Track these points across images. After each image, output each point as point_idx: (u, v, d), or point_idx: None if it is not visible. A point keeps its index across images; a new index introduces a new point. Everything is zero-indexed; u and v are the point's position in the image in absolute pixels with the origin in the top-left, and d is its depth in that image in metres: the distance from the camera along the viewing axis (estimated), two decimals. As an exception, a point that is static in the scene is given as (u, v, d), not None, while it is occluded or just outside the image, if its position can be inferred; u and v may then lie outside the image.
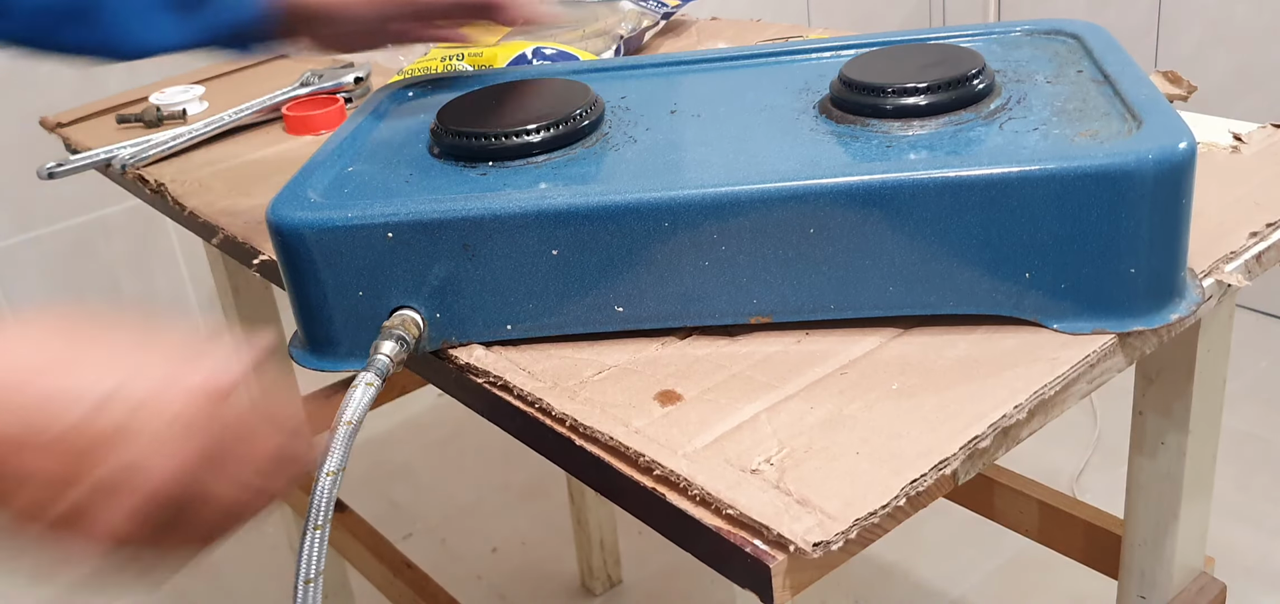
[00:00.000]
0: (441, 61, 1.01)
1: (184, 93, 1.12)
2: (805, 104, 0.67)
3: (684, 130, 0.66)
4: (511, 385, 0.58)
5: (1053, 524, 1.01)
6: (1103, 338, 0.56)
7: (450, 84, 0.80)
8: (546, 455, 0.58)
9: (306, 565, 0.54)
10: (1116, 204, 0.53)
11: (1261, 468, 1.65)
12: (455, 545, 1.70)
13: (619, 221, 0.57)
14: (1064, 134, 0.58)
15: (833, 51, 0.75)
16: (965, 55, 0.64)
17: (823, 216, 0.55)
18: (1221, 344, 0.77)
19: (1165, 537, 0.82)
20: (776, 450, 0.50)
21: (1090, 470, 1.68)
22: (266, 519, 0.50)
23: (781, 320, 0.59)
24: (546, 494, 1.78)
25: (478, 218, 0.58)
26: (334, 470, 0.55)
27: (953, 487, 0.50)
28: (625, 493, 0.52)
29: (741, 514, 0.47)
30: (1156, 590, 0.85)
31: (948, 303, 0.57)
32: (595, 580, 1.57)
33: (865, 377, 0.55)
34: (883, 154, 0.59)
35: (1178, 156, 0.53)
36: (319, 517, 0.55)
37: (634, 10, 1.11)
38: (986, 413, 0.51)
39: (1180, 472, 0.79)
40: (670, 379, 0.57)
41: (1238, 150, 0.74)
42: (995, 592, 1.50)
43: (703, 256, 0.57)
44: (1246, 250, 0.62)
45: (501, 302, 0.60)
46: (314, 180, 0.65)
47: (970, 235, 0.55)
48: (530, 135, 0.64)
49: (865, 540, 0.47)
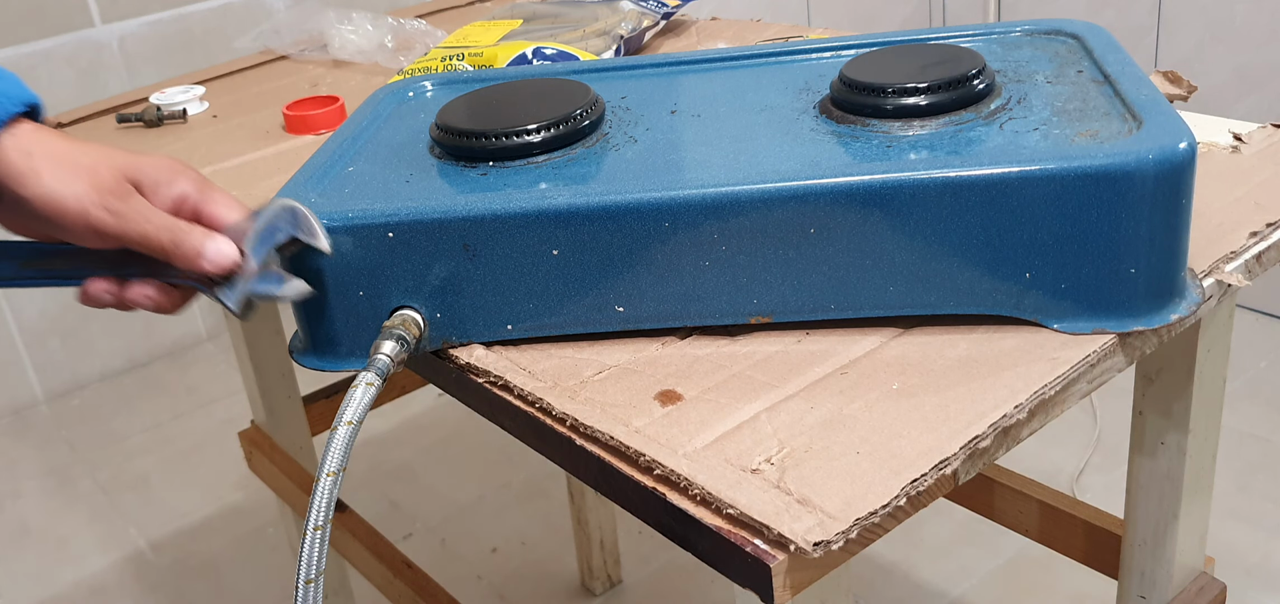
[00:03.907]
0: (441, 61, 1.01)
1: (184, 93, 1.12)
2: (805, 104, 0.67)
3: (684, 130, 0.66)
4: (512, 385, 0.58)
5: (1053, 524, 1.01)
6: (1103, 338, 0.56)
7: (450, 84, 0.80)
8: (547, 455, 0.58)
9: (307, 566, 0.55)
10: (1117, 204, 0.53)
11: (1261, 468, 1.65)
12: (455, 545, 1.70)
13: (619, 222, 0.57)
14: (1064, 134, 0.58)
15: (833, 51, 0.75)
16: (965, 55, 0.64)
17: (823, 216, 0.56)
18: (1221, 344, 0.77)
19: (1165, 537, 0.82)
20: (777, 450, 0.50)
21: (1090, 470, 1.68)
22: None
23: (782, 320, 0.59)
24: (546, 494, 1.78)
25: (478, 218, 0.58)
26: (334, 471, 0.55)
27: (953, 486, 0.50)
28: (625, 493, 0.52)
29: (742, 514, 0.47)
30: (1156, 590, 0.85)
31: (948, 303, 0.57)
32: (595, 580, 1.57)
33: (865, 376, 0.55)
34: (883, 154, 0.59)
35: (1178, 156, 0.53)
36: (319, 517, 0.55)
37: (634, 10, 1.11)
38: (987, 413, 0.51)
39: (1180, 472, 0.79)
40: (671, 379, 0.57)
41: (1238, 150, 0.74)
42: (995, 592, 1.50)
43: (703, 256, 0.57)
44: (1246, 250, 0.62)
45: (502, 301, 0.60)
46: (314, 180, 0.65)
47: (970, 235, 0.55)
48: (530, 135, 0.64)
49: (865, 540, 0.47)
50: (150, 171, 0.60)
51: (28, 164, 0.57)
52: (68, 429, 2.13)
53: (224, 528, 1.79)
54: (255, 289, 0.60)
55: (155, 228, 0.59)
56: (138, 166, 0.59)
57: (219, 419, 2.09)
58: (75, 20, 2.09)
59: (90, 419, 2.15)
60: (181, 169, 0.61)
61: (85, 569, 1.74)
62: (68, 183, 0.57)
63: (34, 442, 2.10)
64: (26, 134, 0.58)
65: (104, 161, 0.59)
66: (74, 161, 0.58)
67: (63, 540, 1.81)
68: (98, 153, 0.59)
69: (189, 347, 2.36)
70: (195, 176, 0.61)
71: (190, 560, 1.73)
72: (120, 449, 2.05)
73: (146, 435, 2.08)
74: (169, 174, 0.60)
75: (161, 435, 2.07)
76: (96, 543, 1.79)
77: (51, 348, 2.20)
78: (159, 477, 1.95)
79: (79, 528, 1.84)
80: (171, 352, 2.35)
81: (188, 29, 2.20)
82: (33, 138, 0.58)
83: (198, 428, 2.08)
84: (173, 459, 2.00)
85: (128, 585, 1.69)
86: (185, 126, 1.07)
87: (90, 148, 0.59)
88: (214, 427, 2.07)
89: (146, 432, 2.09)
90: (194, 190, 0.60)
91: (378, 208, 0.59)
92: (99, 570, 1.73)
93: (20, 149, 0.57)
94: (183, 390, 2.21)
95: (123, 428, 2.11)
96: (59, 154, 0.58)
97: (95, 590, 1.69)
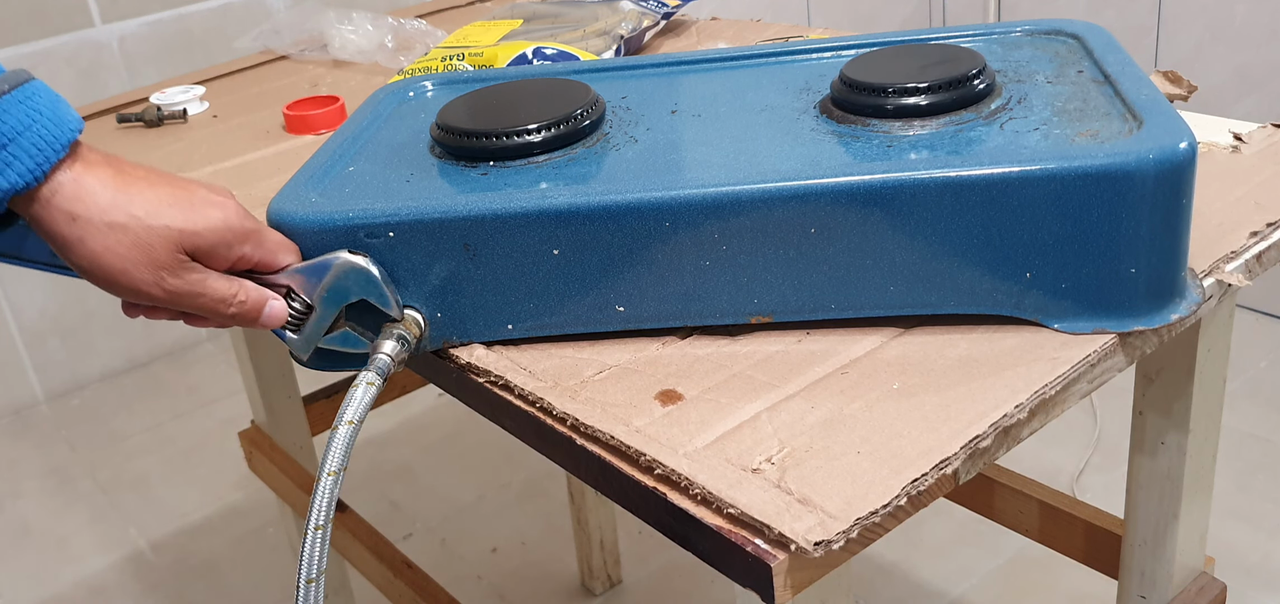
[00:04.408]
0: (441, 61, 1.01)
1: (184, 93, 1.12)
2: (806, 104, 0.67)
3: (684, 130, 0.66)
4: (512, 385, 0.58)
5: (1053, 524, 1.01)
6: (1103, 338, 0.56)
7: (450, 84, 0.80)
8: (547, 455, 0.58)
9: (308, 566, 0.55)
10: (1117, 204, 0.53)
11: (1261, 468, 1.65)
12: (455, 545, 1.70)
13: (620, 221, 0.57)
14: (1064, 134, 0.58)
15: (833, 51, 0.75)
16: (966, 55, 0.64)
17: (823, 216, 0.56)
18: (1221, 344, 0.77)
19: (1165, 537, 0.82)
20: (777, 450, 0.50)
21: (1090, 470, 1.68)
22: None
23: (782, 320, 0.59)
24: (546, 494, 1.78)
25: (478, 218, 0.58)
26: (335, 470, 0.55)
27: (953, 486, 0.50)
28: (626, 492, 0.52)
29: (742, 513, 0.47)
30: (1156, 590, 0.85)
31: (948, 303, 0.57)
32: (595, 580, 1.57)
33: (866, 376, 0.55)
34: (883, 154, 0.59)
35: (1178, 156, 0.53)
36: (320, 517, 0.55)
37: (634, 10, 1.11)
38: (987, 412, 0.51)
39: (1180, 471, 0.79)
40: (671, 378, 0.57)
41: (1238, 150, 0.74)
42: (995, 592, 1.50)
43: (703, 256, 0.57)
44: (1246, 250, 0.62)
45: (502, 301, 0.60)
46: (314, 180, 0.65)
47: (971, 235, 0.55)
48: (531, 135, 0.64)
49: (866, 540, 0.47)
50: (208, 237, 0.56)
51: (72, 231, 0.54)
52: (68, 429, 2.13)
53: (224, 528, 1.79)
54: (329, 345, 0.61)
55: (211, 302, 0.57)
56: (195, 235, 0.56)
57: (219, 419, 2.09)
58: (75, 20, 2.09)
59: (90, 419, 2.15)
60: (238, 230, 0.58)
61: (85, 569, 1.74)
62: (118, 256, 0.55)
63: (34, 442, 2.10)
64: (69, 190, 0.54)
65: (159, 235, 0.55)
66: (123, 230, 0.54)
67: (63, 540, 1.81)
68: (151, 212, 0.55)
69: (189, 347, 2.36)
70: (253, 232, 0.59)
71: (190, 560, 1.73)
72: (120, 449, 2.05)
73: (146, 435, 2.08)
74: (226, 238, 0.57)
75: (161, 435, 2.07)
76: (96, 543, 1.79)
77: (51, 348, 2.20)
78: (159, 477, 1.95)
79: (79, 528, 1.84)
80: (171, 352, 2.35)
81: (188, 29, 2.20)
82: (76, 194, 0.54)
83: (198, 428, 2.08)
84: (173, 459, 2.00)
85: (128, 585, 1.69)
86: (185, 126, 1.07)
87: (143, 199, 0.55)
88: (214, 427, 2.07)
89: (146, 432, 2.09)
90: (252, 249, 0.59)
91: (378, 208, 0.59)
92: (99, 570, 1.73)
93: (64, 213, 0.54)
94: (183, 390, 2.21)
95: (123, 428, 2.11)
96: (107, 217, 0.54)
97: (95, 590, 1.69)
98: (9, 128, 0.52)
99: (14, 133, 0.52)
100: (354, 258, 0.59)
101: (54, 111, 0.53)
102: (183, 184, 0.57)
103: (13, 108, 0.52)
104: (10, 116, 0.52)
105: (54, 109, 0.53)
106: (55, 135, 0.53)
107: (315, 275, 0.60)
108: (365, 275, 0.59)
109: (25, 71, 0.54)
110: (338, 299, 0.60)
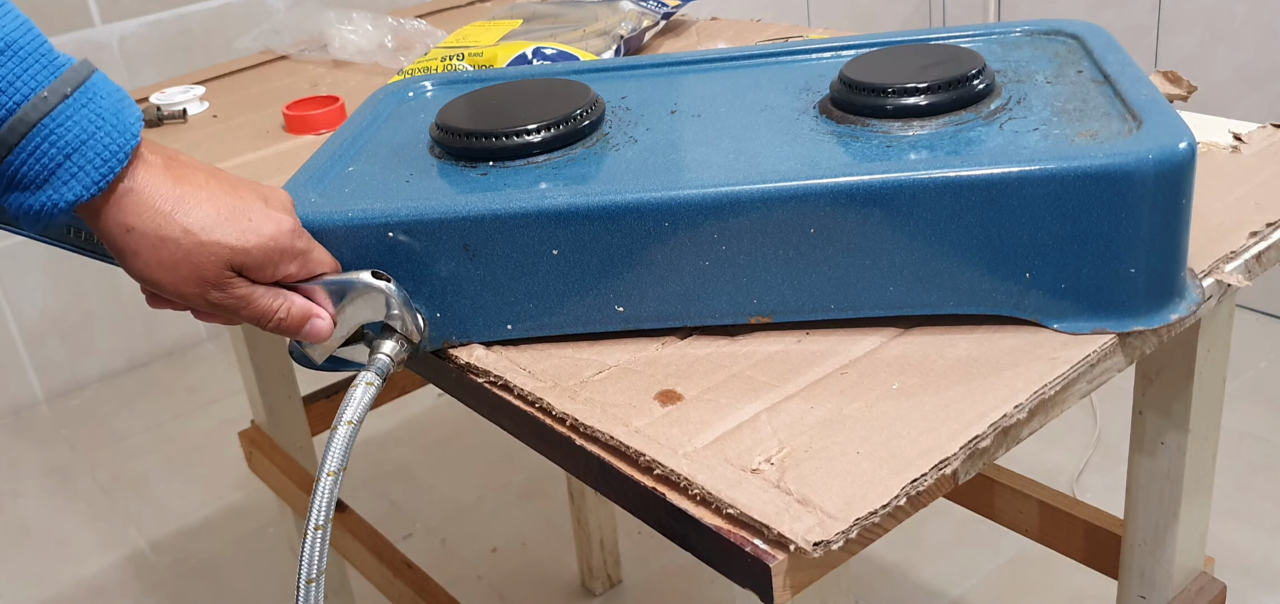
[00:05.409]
0: (441, 61, 1.01)
1: (184, 93, 1.12)
2: (805, 104, 0.67)
3: (684, 130, 0.66)
4: (512, 385, 0.58)
5: (1053, 524, 1.01)
6: (1103, 338, 0.56)
7: (450, 84, 0.80)
8: (547, 455, 0.58)
9: (308, 566, 0.55)
10: (1116, 204, 0.53)
11: (1261, 468, 1.65)
12: (455, 545, 1.70)
13: (619, 221, 0.57)
14: (1064, 134, 0.58)
15: (833, 51, 0.75)
16: (965, 55, 0.64)
17: (823, 217, 0.56)
18: (1221, 344, 0.77)
19: (1165, 537, 0.82)
20: (777, 450, 0.50)
21: (1090, 470, 1.68)
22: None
23: (782, 320, 0.59)
24: (546, 494, 1.78)
25: (478, 218, 0.58)
26: (334, 470, 0.55)
27: (953, 486, 0.50)
28: (626, 493, 0.52)
29: (742, 513, 0.47)
30: (1156, 590, 0.85)
31: (948, 303, 0.57)
32: (595, 580, 1.57)
33: (865, 376, 0.55)
34: (883, 154, 0.59)
35: (1178, 156, 0.53)
36: (320, 517, 0.55)
37: (634, 10, 1.11)
38: (987, 412, 0.51)
39: (1180, 471, 0.79)
40: (670, 379, 0.57)
41: (1238, 150, 0.74)
42: (995, 592, 1.50)
43: (703, 256, 0.57)
44: (1246, 250, 0.62)
45: (502, 301, 0.60)
46: (314, 180, 0.65)
47: (970, 235, 0.55)
48: (530, 135, 0.64)
49: (865, 540, 0.47)
50: (257, 255, 0.56)
51: (127, 242, 0.54)
52: (68, 429, 2.13)
53: (224, 528, 1.79)
54: (341, 355, 0.61)
55: (253, 315, 0.57)
56: (245, 253, 0.55)
57: (219, 419, 2.09)
58: (75, 20, 2.09)
59: (90, 419, 2.15)
60: (288, 250, 0.57)
61: (85, 569, 1.74)
62: (167, 269, 0.54)
63: (34, 442, 2.10)
64: (128, 201, 0.53)
65: (210, 253, 0.54)
66: (175, 244, 0.54)
67: (63, 540, 1.81)
68: (204, 226, 0.54)
69: (189, 347, 2.36)
70: (302, 249, 0.58)
71: (190, 560, 1.73)
72: (120, 449, 2.05)
73: (146, 435, 2.08)
74: (274, 257, 0.57)
75: (161, 435, 2.07)
76: (96, 543, 1.79)
77: (51, 348, 2.20)
78: (159, 477, 1.95)
79: (79, 528, 1.84)
80: (171, 352, 2.34)
81: (188, 29, 2.20)
82: (134, 206, 0.53)
83: (198, 428, 2.08)
84: (173, 459, 2.00)
85: (128, 585, 1.69)
86: (185, 126, 1.07)
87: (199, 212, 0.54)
88: (214, 427, 2.07)
89: (146, 432, 2.09)
90: (298, 268, 0.58)
91: (378, 208, 0.59)
92: (99, 570, 1.73)
93: (120, 224, 0.53)
94: (183, 390, 2.21)
95: (123, 428, 2.11)
96: (161, 231, 0.54)
97: (95, 590, 1.69)
98: (73, 137, 0.51)
99: (78, 141, 0.51)
100: (377, 282, 0.59)
101: (117, 114, 0.52)
102: (240, 193, 0.56)
103: (76, 113, 0.51)
104: (74, 124, 0.51)
105: (116, 111, 0.52)
106: (119, 144, 0.52)
107: (338, 291, 0.59)
108: (386, 300, 0.59)
109: (87, 64, 0.52)
110: (358, 318, 0.60)
